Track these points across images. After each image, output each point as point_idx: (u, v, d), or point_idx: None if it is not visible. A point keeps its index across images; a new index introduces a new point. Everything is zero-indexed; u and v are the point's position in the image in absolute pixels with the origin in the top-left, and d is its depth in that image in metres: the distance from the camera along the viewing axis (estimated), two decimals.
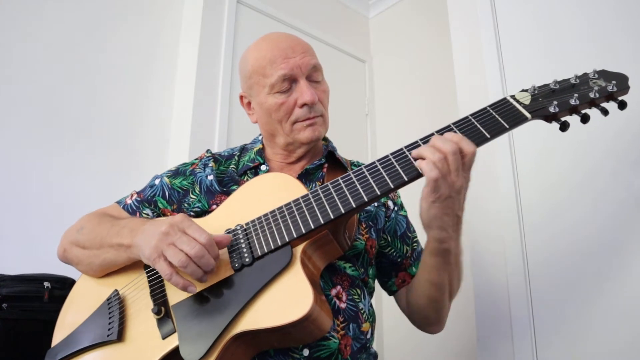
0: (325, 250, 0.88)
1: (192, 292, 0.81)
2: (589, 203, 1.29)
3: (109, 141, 1.75)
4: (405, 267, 1.11)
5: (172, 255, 0.78)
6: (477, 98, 1.60)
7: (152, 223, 0.86)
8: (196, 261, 0.78)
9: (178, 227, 0.82)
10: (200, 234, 0.80)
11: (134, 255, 0.88)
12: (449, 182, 0.80)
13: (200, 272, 0.79)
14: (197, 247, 0.78)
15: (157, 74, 1.93)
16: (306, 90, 1.01)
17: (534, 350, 1.32)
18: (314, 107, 1.03)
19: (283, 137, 1.06)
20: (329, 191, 0.86)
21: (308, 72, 1.03)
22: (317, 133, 1.04)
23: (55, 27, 1.69)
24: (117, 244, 0.90)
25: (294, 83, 1.02)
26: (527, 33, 1.54)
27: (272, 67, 1.02)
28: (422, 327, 1.10)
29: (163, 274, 0.79)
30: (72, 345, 0.89)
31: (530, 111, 0.84)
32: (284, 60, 1.01)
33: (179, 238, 0.80)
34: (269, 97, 1.03)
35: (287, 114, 1.03)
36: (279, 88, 1.02)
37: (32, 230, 1.50)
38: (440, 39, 2.22)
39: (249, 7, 2.10)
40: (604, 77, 0.86)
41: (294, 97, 1.02)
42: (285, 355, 0.86)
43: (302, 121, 1.03)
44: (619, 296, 1.19)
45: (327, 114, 1.08)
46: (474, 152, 0.81)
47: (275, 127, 1.06)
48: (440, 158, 0.79)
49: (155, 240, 0.81)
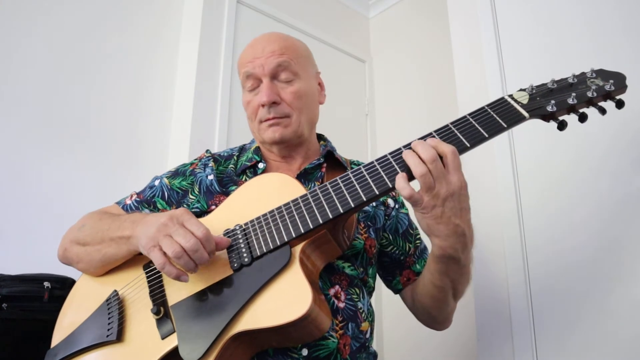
0: (324, 250, 0.88)
1: (184, 280, 0.81)
2: (589, 203, 1.29)
3: (109, 141, 1.75)
4: (409, 264, 1.11)
5: (167, 246, 0.79)
6: (477, 98, 1.60)
7: (153, 215, 0.87)
8: (190, 254, 0.79)
9: (177, 219, 0.82)
10: (198, 228, 0.81)
11: (133, 247, 0.88)
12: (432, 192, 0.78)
13: (193, 265, 0.80)
14: (193, 241, 0.79)
15: (157, 74, 1.93)
16: (263, 90, 1.02)
17: (534, 351, 1.32)
18: (275, 107, 1.03)
19: (256, 134, 1.10)
20: (327, 191, 0.86)
21: (270, 71, 1.03)
22: (277, 134, 1.04)
23: (55, 27, 1.69)
24: (119, 237, 0.91)
25: (261, 83, 1.04)
26: (527, 33, 1.54)
27: (241, 66, 1.08)
28: (428, 324, 1.11)
29: (156, 263, 0.80)
30: (72, 345, 0.89)
31: (528, 110, 0.84)
32: (251, 60, 1.05)
33: (176, 230, 0.80)
34: (244, 95, 1.09)
35: (253, 112, 1.06)
36: (247, 87, 1.06)
37: (32, 230, 1.50)
38: (440, 39, 2.22)
39: (249, 7, 2.10)
40: (601, 76, 0.86)
41: (259, 96, 1.04)
42: (284, 355, 0.86)
43: (264, 121, 1.05)
44: (619, 296, 1.19)
45: (298, 115, 1.05)
46: (453, 151, 0.79)
47: (250, 124, 1.10)
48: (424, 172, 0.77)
49: (154, 230, 0.82)
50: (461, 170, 0.80)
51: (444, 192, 0.78)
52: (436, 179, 0.78)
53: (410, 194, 0.78)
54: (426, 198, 0.79)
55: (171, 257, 0.79)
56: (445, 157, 0.79)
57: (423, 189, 0.78)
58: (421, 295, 1.04)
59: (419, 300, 1.06)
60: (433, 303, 1.01)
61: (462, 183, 0.80)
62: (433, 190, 0.78)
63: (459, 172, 0.80)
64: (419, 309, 1.08)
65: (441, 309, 1.02)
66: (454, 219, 0.80)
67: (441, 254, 0.86)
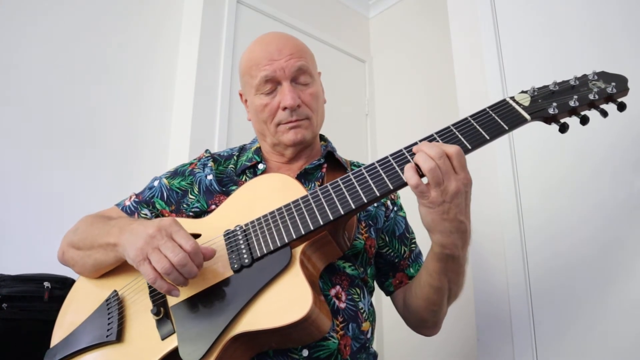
0: (324, 251, 0.88)
1: (175, 295, 0.80)
2: (589, 204, 1.29)
3: (109, 141, 1.75)
4: (403, 268, 1.11)
5: (156, 261, 0.78)
6: (477, 98, 1.60)
7: (140, 223, 0.86)
8: (179, 269, 0.78)
9: (166, 231, 0.81)
10: (187, 241, 0.80)
11: (119, 255, 0.87)
12: (441, 188, 0.79)
13: (182, 279, 0.79)
14: (181, 255, 0.78)
15: (157, 74, 1.93)
16: (287, 93, 1.01)
17: (534, 351, 1.32)
18: (297, 110, 1.03)
19: (270, 137, 1.08)
20: (328, 192, 0.86)
21: (292, 74, 1.03)
22: (299, 136, 1.04)
23: (55, 27, 1.69)
24: (105, 244, 0.90)
25: (278, 85, 1.03)
26: (527, 33, 1.54)
27: (257, 69, 1.04)
28: (417, 329, 1.10)
29: (147, 278, 0.79)
30: (71, 345, 0.89)
31: (529, 113, 0.84)
32: (269, 62, 1.03)
33: (164, 243, 0.79)
34: (256, 98, 1.06)
35: (270, 115, 1.05)
36: (263, 90, 1.04)
37: (32, 230, 1.50)
38: (440, 39, 2.22)
39: (249, 7, 2.10)
40: (603, 78, 0.86)
41: (278, 99, 1.03)
42: (285, 356, 0.86)
43: (285, 124, 1.04)
44: (619, 297, 1.19)
45: (315, 117, 1.07)
46: (457, 151, 0.80)
47: (263, 127, 1.08)
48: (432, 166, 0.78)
49: (142, 242, 0.80)
50: (467, 168, 0.82)
51: (453, 188, 0.79)
52: (444, 174, 0.79)
53: (417, 182, 0.79)
54: (434, 193, 0.79)
55: (161, 273, 0.78)
56: (451, 157, 0.80)
57: (432, 184, 0.79)
58: (415, 297, 1.03)
59: (411, 303, 1.05)
60: (427, 305, 1.00)
61: (468, 180, 0.81)
62: (442, 186, 0.79)
63: (465, 170, 0.81)
64: (410, 312, 1.07)
65: (434, 312, 1.01)
66: (460, 216, 0.81)
67: (441, 252, 0.86)
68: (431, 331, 1.08)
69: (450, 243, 0.84)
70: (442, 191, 0.79)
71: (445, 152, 0.79)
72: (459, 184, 0.79)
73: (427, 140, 0.85)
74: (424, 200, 0.81)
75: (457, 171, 0.80)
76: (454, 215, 0.81)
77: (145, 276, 0.80)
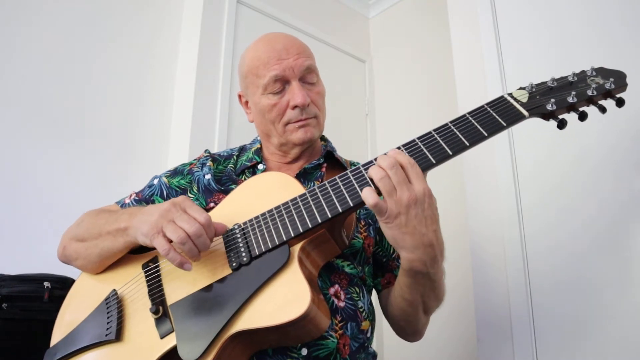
0: (322, 249, 0.88)
1: (187, 269, 0.81)
2: (590, 204, 1.28)
3: (109, 141, 1.75)
4: (391, 268, 1.10)
5: (171, 232, 0.80)
6: (477, 97, 1.60)
7: (153, 205, 0.89)
8: (194, 239, 0.79)
9: (180, 205, 0.84)
10: (200, 214, 0.82)
11: (130, 238, 0.89)
12: (394, 198, 0.77)
13: (197, 251, 0.81)
14: (196, 226, 0.80)
15: (157, 74, 1.93)
16: (297, 92, 1.01)
17: (534, 351, 1.31)
18: (306, 109, 1.03)
19: (277, 138, 1.07)
20: (326, 190, 0.86)
21: (301, 73, 1.03)
22: (309, 134, 1.04)
23: (55, 26, 1.70)
24: (115, 229, 0.91)
25: (286, 84, 1.03)
26: (527, 33, 1.54)
27: (265, 68, 1.03)
28: (398, 334, 1.09)
29: (160, 249, 0.80)
30: (71, 344, 0.89)
31: (527, 109, 0.84)
32: (277, 62, 1.02)
33: (179, 216, 0.81)
34: (262, 98, 1.04)
35: (279, 115, 1.04)
36: (271, 89, 1.03)
37: (32, 230, 1.50)
38: (440, 39, 2.22)
39: (249, 7, 2.10)
40: (601, 74, 0.86)
41: (286, 98, 1.03)
42: (284, 354, 0.86)
43: (294, 122, 1.04)
44: (619, 297, 1.19)
45: (322, 115, 1.08)
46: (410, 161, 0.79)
47: (269, 127, 1.07)
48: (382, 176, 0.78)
49: (156, 216, 0.83)
50: (424, 180, 0.79)
51: (407, 197, 0.77)
52: (397, 184, 0.77)
53: (376, 201, 0.77)
54: (389, 204, 0.77)
55: (176, 242, 0.79)
56: (404, 167, 0.79)
57: (384, 194, 0.78)
58: (391, 305, 1.03)
59: (389, 310, 1.05)
60: (402, 316, 1.00)
61: (425, 191, 0.78)
62: (395, 195, 0.77)
63: (421, 180, 0.79)
64: (389, 317, 1.07)
65: (410, 322, 1.00)
66: (420, 228, 0.78)
67: (409, 268, 0.84)
68: (412, 338, 1.07)
69: (417, 259, 0.81)
70: (395, 202, 0.77)
71: (398, 162, 0.79)
72: (412, 194, 0.77)
73: (425, 137, 0.84)
74: (381, 216, 0.79)
75: (411, 181, 0.78)
76: (413, 228, 0.78)
77: (158, 248, 0.80)
